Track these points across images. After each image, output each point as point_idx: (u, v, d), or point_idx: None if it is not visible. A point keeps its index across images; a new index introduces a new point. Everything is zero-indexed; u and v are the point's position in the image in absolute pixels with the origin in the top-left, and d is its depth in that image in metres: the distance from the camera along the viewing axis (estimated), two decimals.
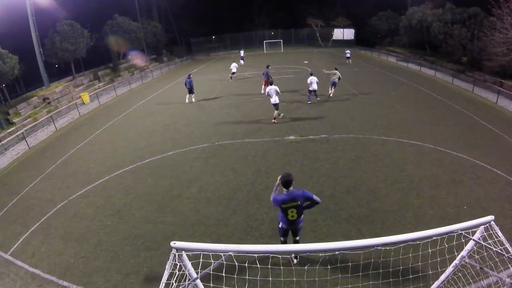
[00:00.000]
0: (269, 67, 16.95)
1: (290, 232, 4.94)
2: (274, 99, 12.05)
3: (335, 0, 44.21)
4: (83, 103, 19.77)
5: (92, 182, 8.97)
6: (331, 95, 15.86)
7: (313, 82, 14.36)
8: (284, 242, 5.10)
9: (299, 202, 4.40)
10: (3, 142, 13.45)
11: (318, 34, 42.53)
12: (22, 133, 13.86)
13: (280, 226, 4.88)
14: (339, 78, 15.41)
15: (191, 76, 16.58)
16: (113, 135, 13.15)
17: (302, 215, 4.67)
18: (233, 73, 21.85)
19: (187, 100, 16.80)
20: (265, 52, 38.92)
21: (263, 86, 17.07)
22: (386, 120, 12.42)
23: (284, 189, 4.40)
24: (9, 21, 17.49)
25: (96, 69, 26.25)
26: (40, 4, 19.79)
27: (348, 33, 40.88)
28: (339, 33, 41.38)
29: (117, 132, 13.45)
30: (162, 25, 37.26)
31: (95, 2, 27.26)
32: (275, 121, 12.54)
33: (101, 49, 27.78)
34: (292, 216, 4.55)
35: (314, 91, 14.58)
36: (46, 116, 16.89)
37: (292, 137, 11.06)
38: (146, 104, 18.16)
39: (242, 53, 29.70)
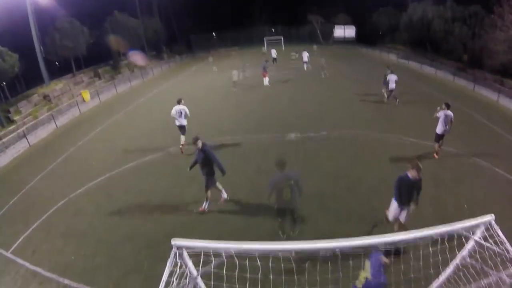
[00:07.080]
0: (268, 61, 20.40)
1: None
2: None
3: None
4: (84, 101, 19.73)
5: (93, 180, 8.97)
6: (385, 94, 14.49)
7: (391, 80, 13.36)
8: None
9: None
10: (3, 140, 13.44)
11: (318, 32, 42.36)
12: (23, 131, 13.85)
13: None
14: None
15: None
16: (114, 132, 13.15)
17: None
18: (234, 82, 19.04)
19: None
20: (265, 49, 38.70)
21: (264, 78, 18.81)
22: (386, 118, 12.39)
23: None
24: (9, 19, 17.47)
25: (96, 66, 26.21)
26: (40, 2, 19.72)
27: (349, 32, 40.73)
28: (340, 32, 41.23)
29: (117, 130, 13.45)
30: (162, 22, 37.12)
31: None
32: None
33: (101, 46, 27.71)
34: None
35: (391, 91, 13.57)
36: (47, 114, 16.86)
37: (292, 135, 11.05)
38: (147, 101, 18.13)
39: (273, 53, 27.34)
